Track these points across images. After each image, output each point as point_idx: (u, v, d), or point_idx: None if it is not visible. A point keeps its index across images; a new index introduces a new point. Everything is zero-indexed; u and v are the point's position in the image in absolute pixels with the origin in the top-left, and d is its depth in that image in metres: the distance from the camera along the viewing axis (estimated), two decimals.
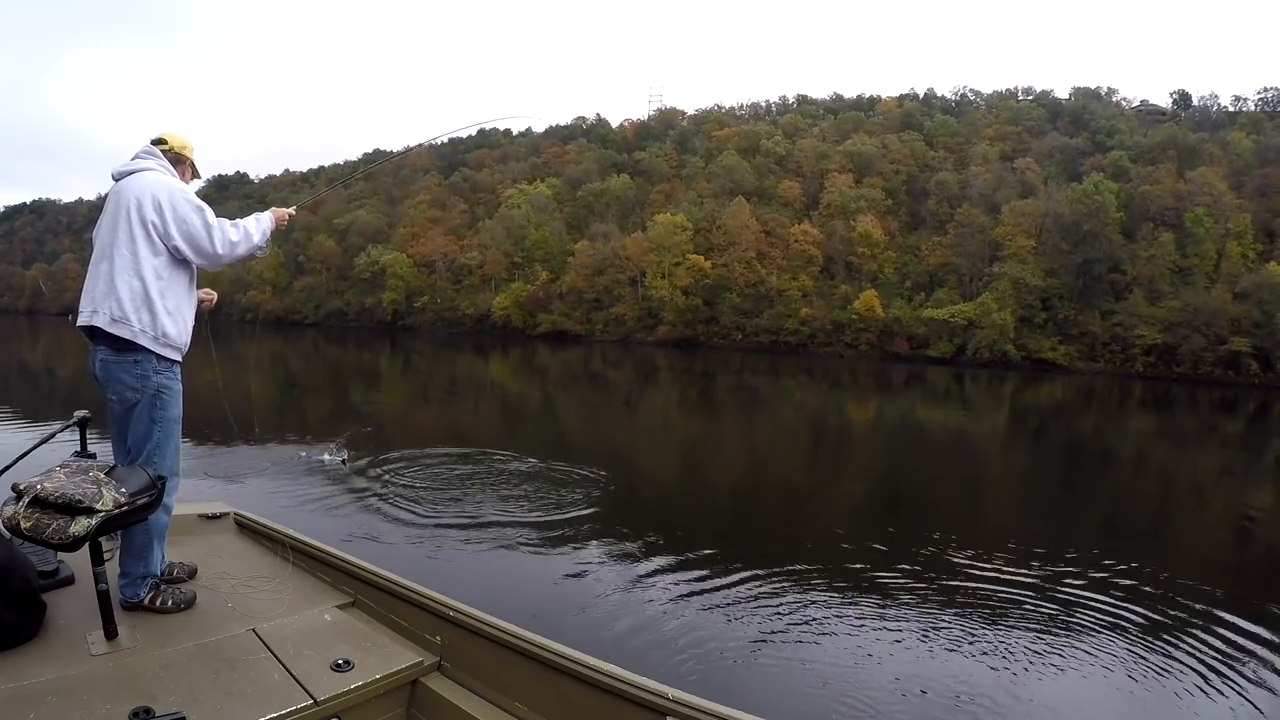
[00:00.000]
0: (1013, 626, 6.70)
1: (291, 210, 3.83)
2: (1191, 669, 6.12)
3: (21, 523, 2.59)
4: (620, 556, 8.12)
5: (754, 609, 6.79)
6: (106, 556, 2.90)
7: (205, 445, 12.16)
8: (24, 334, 60.32)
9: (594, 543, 8.54)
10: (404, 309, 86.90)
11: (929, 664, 5.93)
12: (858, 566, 8.19)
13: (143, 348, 3.20)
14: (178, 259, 3.31)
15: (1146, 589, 8.00)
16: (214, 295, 3.83)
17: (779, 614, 6.69)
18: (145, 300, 3.19)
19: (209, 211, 3.34)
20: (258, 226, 3.50)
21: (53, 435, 3.87)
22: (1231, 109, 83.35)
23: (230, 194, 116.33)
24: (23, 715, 2.29)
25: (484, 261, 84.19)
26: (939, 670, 5.83)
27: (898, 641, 6.31)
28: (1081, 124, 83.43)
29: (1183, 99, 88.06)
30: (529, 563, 7.82)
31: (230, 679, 2.62)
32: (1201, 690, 5.80)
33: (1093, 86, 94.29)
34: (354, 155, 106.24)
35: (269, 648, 2.87)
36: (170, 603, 3.23)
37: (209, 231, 3.30)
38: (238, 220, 3.47)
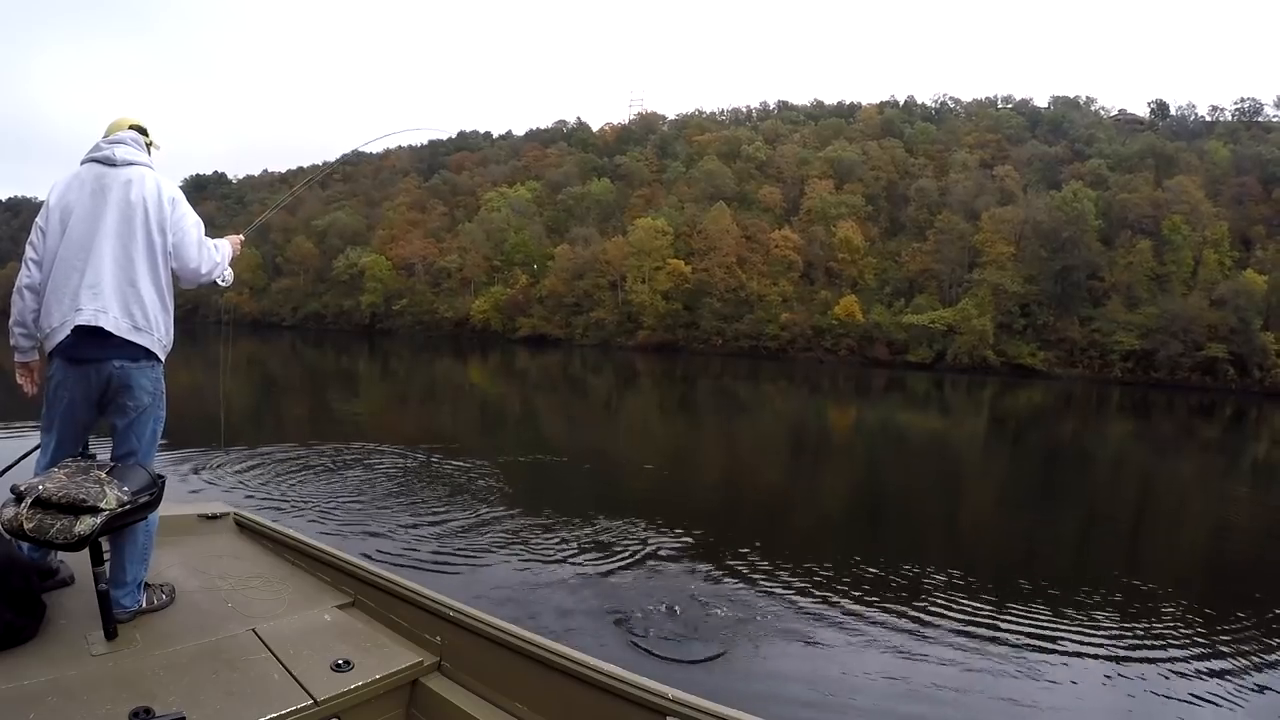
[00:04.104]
0: (995, 627, 6.62)
1: (242, 237, 3.78)
2: (1169, 666, 6.08)
3: (24, 524, 2.55)
4: (610, 556, 8.03)
5: (750, 607, 6.72)
6: (106, 556, 2.87)
7: (203, 445, 11.93)
8: None
9: (582, 545, 8.43)
10: (382, 311, 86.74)
11: (915, 665, 5.84)
12: (840, 570, 8.11)
13: (154, 354, 3.14)
14: None
15: (1125, 590, 7.97)
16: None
17: (775, 613, 6.63)
18: (162, 309, 3.14)
19: (202, 227, 3.29)
20: (226, 253, 3.46)
21: None
22: (1209, 119, 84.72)
23: (208, 194, 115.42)
24: (23, 715, 2.27)
25: (463, 264, 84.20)
26: (926, 671, 5.74)
27: (884, 642, 6.23)
28: (1060, 132, 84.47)
29: (1160, 108, 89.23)
30: (522, 562, 7.74)
31: (230, 679, 2.61)
32: (1179, 684, 5.76)
33: (1071, 95, 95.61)
34: (331, 156, 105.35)
35: (269, 648, 2.85)
36: (158, 600, 3.17)
37: (201, 249, 3.23)
38: (217, 242, 3.40)
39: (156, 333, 3.09)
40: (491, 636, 2.78)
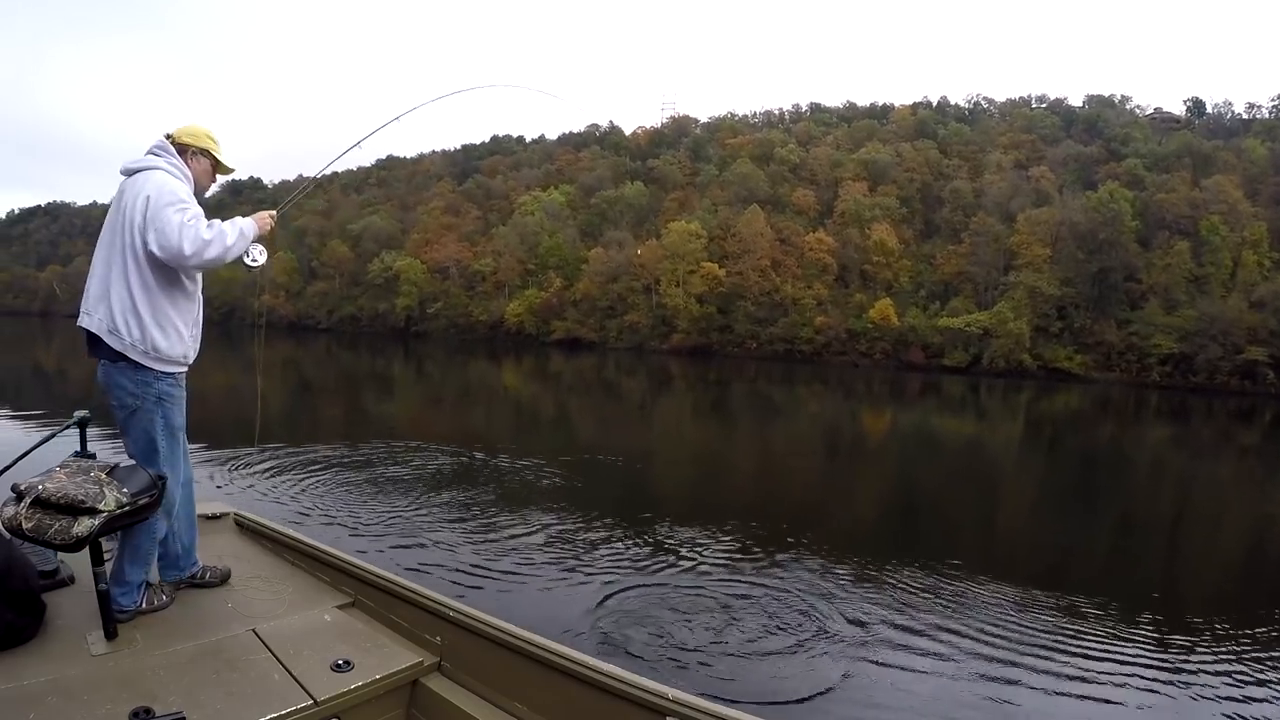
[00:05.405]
0: (1026, 636, 6.62)
1: (274, 213, 3.60)
2: (1208, 681, 6.05)
3: (23, 523, 2.59)
4: (626, 559, 8.12)
5: (760, 614, 6.74)
6: (107, 556, 2.92)
7: (206, 446, 12.23)
8: (37, 335, 60.79)
9: (601, 546, 8.55)
10: (417, 315, 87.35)
11: (938, 673, 5.89)
12: (869, 574, 8.15)
13: (129, 359, 3.15)
14: (168, 265, 3.17)
15: (1164, 599, 7.96)
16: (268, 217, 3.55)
17: (786, 620, 6.64)
18: (134, 313, 3.13)
19: (191, 210, 3.18)
20: (234, 228, 3.27)
21: (52, 435, 3.88)
22: (1246, 116, 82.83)
23: (244, 199, 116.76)
24: (23, 715, 2.30)
25: (497, 268, 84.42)
26: (948, 679, 5.79)
27: (907, 649, 6.26)
28: (1095, 132, 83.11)
29: (1196, 106, 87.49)
30: (533, 564, 7.82)
31: (230, 679, 2.64)
32: (1220, 692, 5.79)
33: (1106, 94, 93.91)
34: (367, 161, 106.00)
35: (269, 648, 2.89)
36: (159, 600, 3.25)
37: (180, 229, 3.07)
38: (214, 221, 3.24)
39: (129, 338, 3.11)
40: (492, 637, 2.80)
